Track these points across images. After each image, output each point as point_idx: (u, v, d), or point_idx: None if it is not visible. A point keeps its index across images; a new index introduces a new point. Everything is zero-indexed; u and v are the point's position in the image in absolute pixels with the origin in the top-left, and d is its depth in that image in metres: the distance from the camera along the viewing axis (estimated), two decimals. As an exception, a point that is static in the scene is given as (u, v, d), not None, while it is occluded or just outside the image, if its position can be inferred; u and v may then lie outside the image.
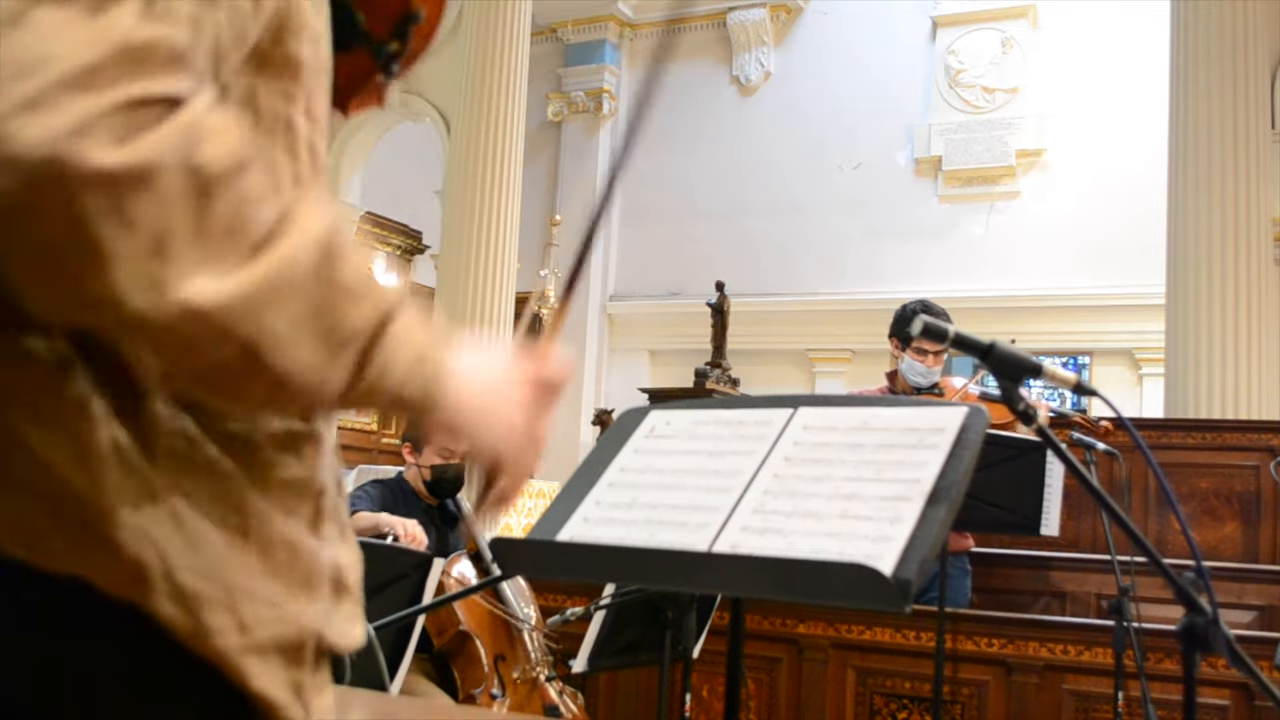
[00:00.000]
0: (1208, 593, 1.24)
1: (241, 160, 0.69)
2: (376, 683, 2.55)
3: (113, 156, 0.63)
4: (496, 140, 8.01)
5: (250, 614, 0.73)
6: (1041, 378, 1.31)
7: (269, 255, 0.69)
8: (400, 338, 0.76)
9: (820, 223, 10.44)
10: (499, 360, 0.88)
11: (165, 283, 0.65)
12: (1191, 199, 6.52)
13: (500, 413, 0.85)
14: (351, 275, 0.73)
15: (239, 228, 0.68)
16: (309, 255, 0.71)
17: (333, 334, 0.72)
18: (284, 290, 0.69)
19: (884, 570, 1.04)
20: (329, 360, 0.72)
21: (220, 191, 0.67)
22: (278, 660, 0.75)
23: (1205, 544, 5.08)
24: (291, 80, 0.79)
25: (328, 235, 0.72)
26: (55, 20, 0.64)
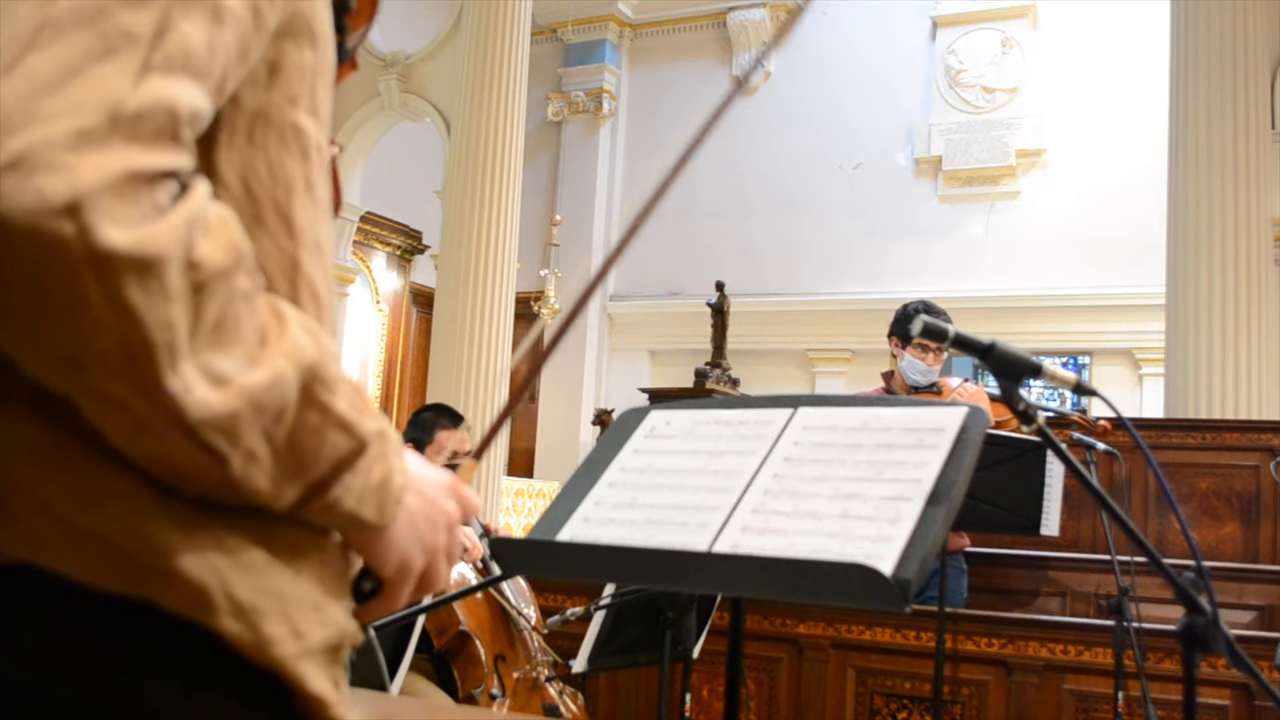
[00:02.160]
0: (1208, 593, 1.24)
1: (238, 258, 0.68)
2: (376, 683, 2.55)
3: (111, 237, 0.62)
4: (496, 140, 8.01)
5: (301, 620, 0.75)
6: (1041, 378, 1.31)
7: (260, 369, 0.69)
8: (363, 468, 0.76)
9: (820, 223, 10.44)
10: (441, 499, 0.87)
11: (154, 381, 0.64)
12: (1191, 199, 6.52)
13: (414, 556, 0.84)
14: (336, 406, 0.74)
15: (229, 326, 0.68)
16: (292, 382, 0.71)
17: (301, 459, 0.72)
18: (268, 409, 0.69)
19: (884, 570, 1.04)
20: (287, 482, 0.72)
21: (216, 288, 0.67)
22: (324, 661, 0.77)
23: (1205, 544, 5.08)
24: (297, 84, 0.79)
25: (315, 362, 0.72)
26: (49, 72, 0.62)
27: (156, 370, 0.64)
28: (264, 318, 0.71)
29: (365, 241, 10.78)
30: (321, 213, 0.83)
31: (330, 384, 0.73)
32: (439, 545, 0.86)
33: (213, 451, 0.68)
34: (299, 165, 0.80)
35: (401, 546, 0.83)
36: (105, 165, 0.62)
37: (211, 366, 0.67)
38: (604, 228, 11.40)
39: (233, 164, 0.76)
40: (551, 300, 10.37)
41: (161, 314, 0.64)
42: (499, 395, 7.96)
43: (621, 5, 11.44)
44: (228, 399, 0.67)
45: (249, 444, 0.69)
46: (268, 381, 0.69)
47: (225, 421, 0.67)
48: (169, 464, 0.69)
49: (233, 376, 0.67)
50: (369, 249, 10.94)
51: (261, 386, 0.69)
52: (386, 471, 0.78)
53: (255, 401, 0.68)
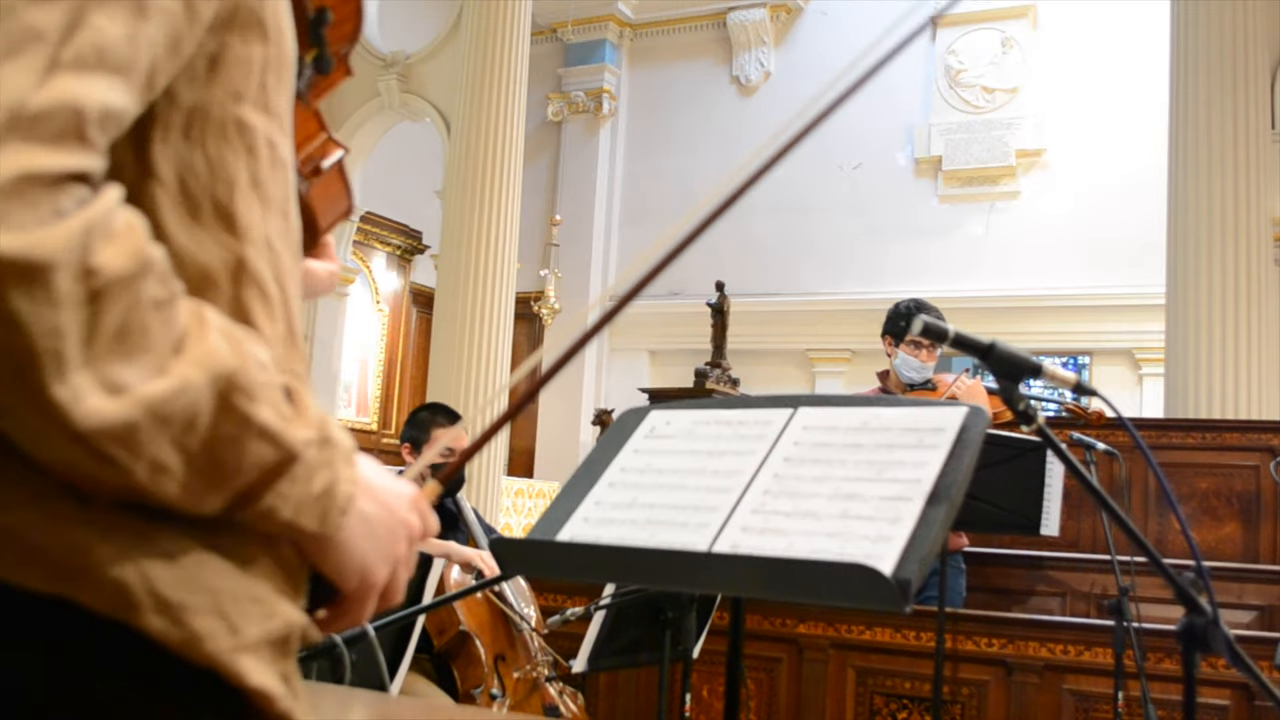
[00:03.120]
0: (1208, 593, 1.24)
1: (143, 265, 0.66)
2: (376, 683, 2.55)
3: (6, 243, 0.60)
4: (496, 140, 8.01)
5: (237, 614, 0.73)
6: (1041, 377, 1.31)
7: (165, 378, 0.67)
8: (300, 474, 0.74)
9: (820, 223, 10.44)
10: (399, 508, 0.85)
11: (39, 390, 0.63)
12: (1191, 199, 6.52)
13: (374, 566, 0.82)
14: (257, 413, 0.71)
15: (134, 334, 0.66)
16: (203, 392, 0.69)
17: (221, 469, 0.70)
18: (175, 418, 0.67)
19: (884, 570, 1.04)
20: (207, 491, 0.70)
21: (117, 295, 0.65)
22: (269, 654, 0.75)
23: (1205, 544, 5.08)
24: (242, 78, 0.77)
25: (239, 365, 0.70)
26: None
27: (41, 379, 0.62)
28: (182, 325, 0.69)
29: (365, 241, 10.78)
30: (274, 210, 0.81)
31: (251, 392, 0.71)
32: (400, 556, 0.85)
33: (112, 462, 0.66)
34: (243, 161, 0.78)
35: (362, 557, 0.81)
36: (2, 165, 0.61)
37: (110, 376, 0.65)
38: (604, 228, 11.40)
39: (168, 159, 0.75)
40: (551, 300, 10.37)
41: (48, 322, 0.62)
42: (499, 396, 7.97)
43: (621, 5, 11.44)
44: (122, 408, 0.65)
45: (154, 454, 0.67)
46: (171, 390, 0.67)
47: (120, 431, 0.65)
48: (74, 471, 0.67)
49: (132, 385, 0.65)
50: (369, 249, 10.94)
51: (163, 395, 0.66)
52: (331, 480, 0.76)
53: (156, 411, 0.66)
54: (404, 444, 3.66)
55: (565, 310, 10.61)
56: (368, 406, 11.03)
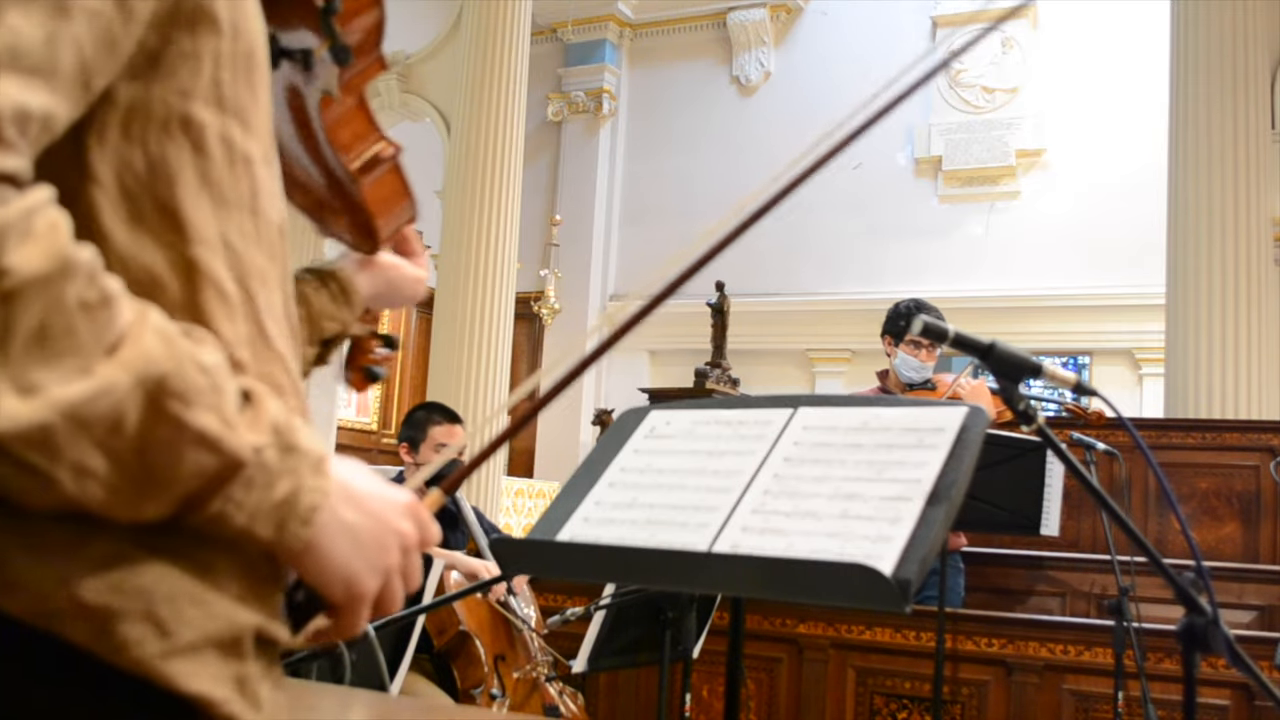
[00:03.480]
0: (1208, 593, 1.24)
1: (63, 266, 0.64)
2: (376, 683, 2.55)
3: None
4: (496, 140, 8.01)
5: (170, 616, 0.71)
6: (1041, 378, 1.31)
7: (84, 380, 0.64)
8: (257, 480, 0.71)
9: (820, 223, 10.44)
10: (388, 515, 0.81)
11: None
12: (1191, 199, 6.52)
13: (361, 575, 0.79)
14: (199, 418, 0.68)
15: (55, 337, 0.63)
16: (138, 386, 0.66)
17: (155, 475, 0.67)
18: (98, 421, 0.65)
19: (884, 570, 1.03)
20: (141, 498, 0.68)
21: (33, 296, 0.62)
22: (214, 657, 0.73)
23: (1205, 544, 5.08)
24: (189, 74, 0.75)
25: (174, 369, 0.68)
26: None
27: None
28: (120, 328, 0.66)
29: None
30: (235, 209, 0.79)
31: (186, 396, 0.68)
32: (391, 565, 0.81)
33: (30, 469, 0.64)
34: (189, 159, 0.76)
35: (345, 567, 0.78)
36: None
37: (23, 378, 0.62)
38: (604, 228, 11.40)
39: (106, 160, 0.73)
40: (551, 300, 10.37)
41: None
42: (499, 396, 7.96)
43: (621, 5, 11.44)
44: (35, 411, 0.62)
45: (76, 458, 0.64)
46: (90, 392, 0.64)
47: (34, 434, 0.63)
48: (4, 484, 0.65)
49: (46, 387, 0.63)
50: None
51: (81, 398, 0.64)
52: (293, 489, 0.73)
53: (73, 414, 0.64)
54: (401, 444, 3.67)
55: (565, 310, 10.61)
56: (367, 406, 11.03)
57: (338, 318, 1.16)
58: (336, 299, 1.15)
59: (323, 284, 1.15)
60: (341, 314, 1.16)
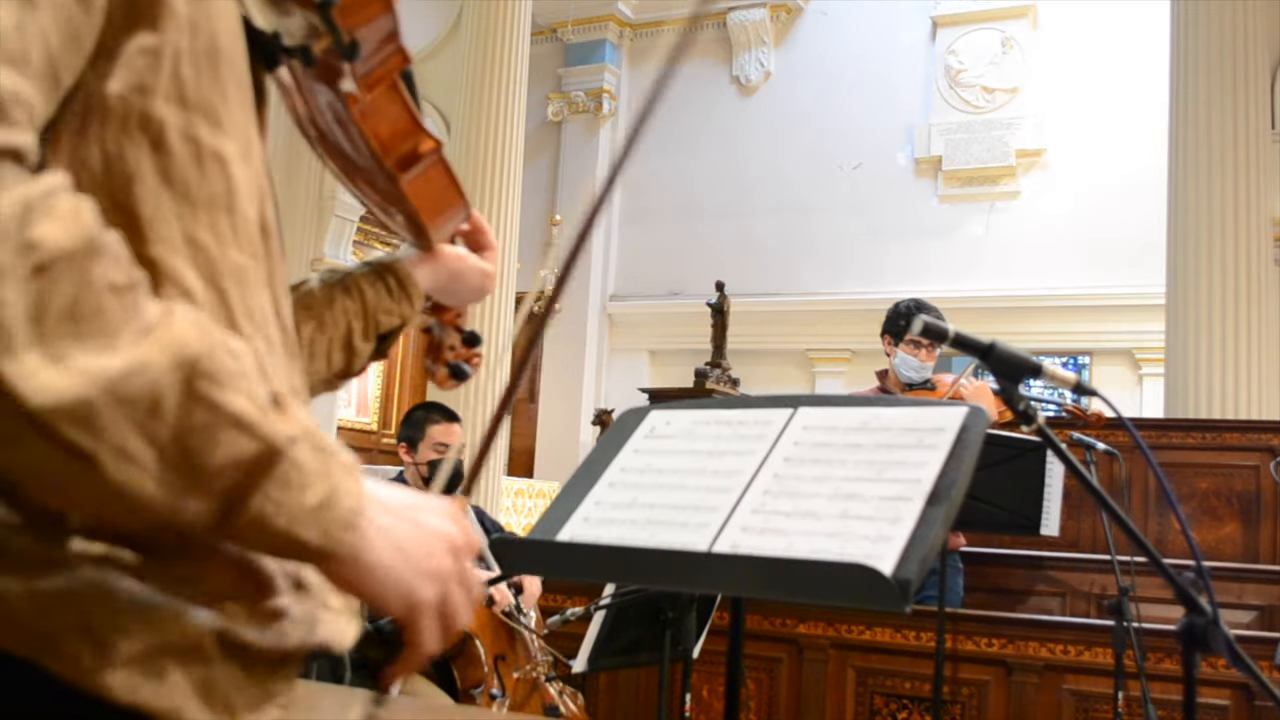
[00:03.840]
0: (1208, 593, 1.24)
1: (89, 245, 0.62)
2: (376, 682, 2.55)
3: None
4: (496, 140, 8.01)
5: (107, 627, 0.68)
6: (1041, 378, 1.31)
7: (120, 355, 0.62)
8: (306, 472, 0.69)
9: (820, 223, 10.44)
10: (428, 520, 0.78)
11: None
12: (1191, 199, 6.52)
13: (414, 582, 0.76)
14: (231, 400, 0.66)
15: (87, 316, 0.61)
16: (167, 373, 0.64)
17: (194, 462, 0.65)
18: (136, 399, 0.62)
19: (884, 570, 1.03)
20: (181, 492, 0.65)
21: (61, 273, 0.61)
22: (167, 665, 0.70)
23: (1205, 544, 5.08)
24: (147, 69, 0.73)
25: (199, 355, 0.65)
26: None
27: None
28: (149, 315, 0.65)
29: (365, 241, 10.77)
30: (205, 208, 0.77)
31: (219, 378, 0.66)
32: (445, 570, 0.77)
33: (72, 447, 0.61)
34: (147, 156, 0.74)
35: (397, 576, 0.74)
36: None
37: (61, 353, 0.60)
38: (604, 228, 11.40)
39: (61, 159, 0.71)
40: (551, 300, 10.36)
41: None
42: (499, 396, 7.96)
43: (621, 5, 11.44)
44: (75, 383, 0.60)
45: (117, 439, 0.62)
46: (126, 367, 0.62)
47: (76, 409, 0.60)
48: (37, 474, 0.63)
49: (83, 363, 0.61)
50: (369, 249, 10.93)
51: (119, 372, 0.62)
52: (329, 491, 0.70)
53: (112, 388, 0.61)
54: (400, 444, 3.67)
55: (565, 310, 10.61)
56: (368, 406, 11.03)
57: (395, 311, 1.15)
58: (394, 292, 1.15)
59: (379, 277, 1.14)
60: (400, 307, 1.15)
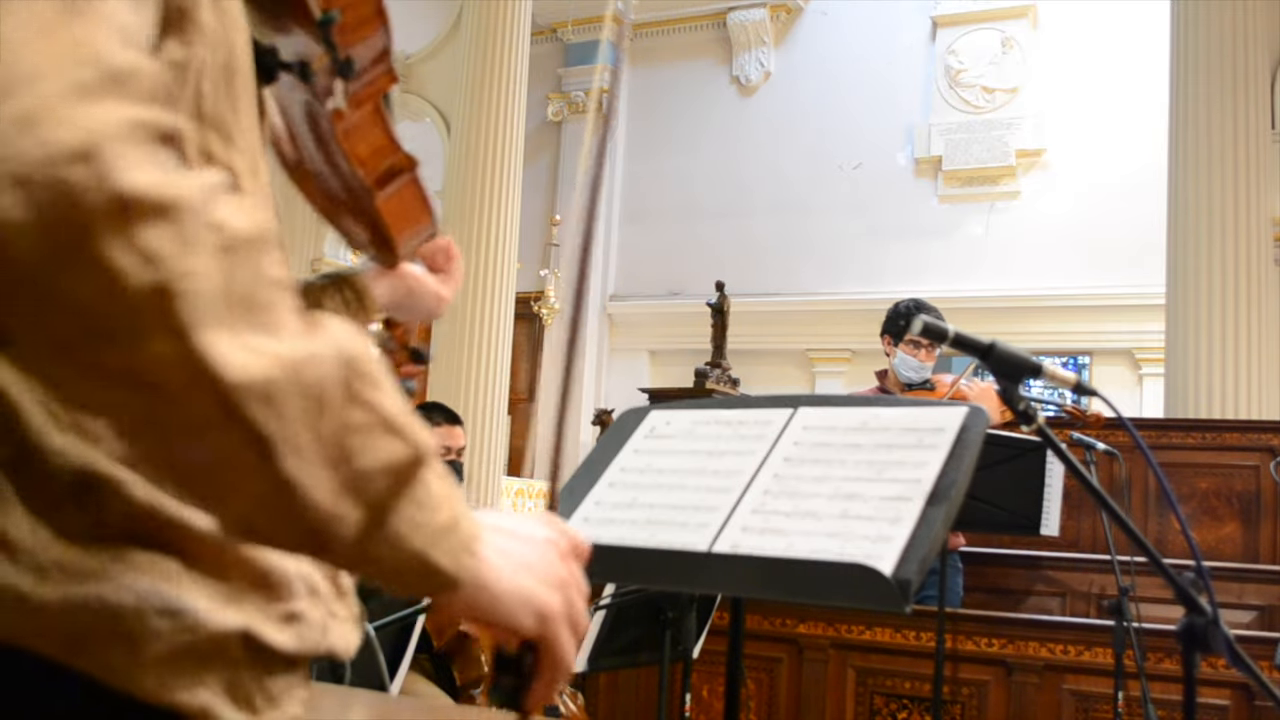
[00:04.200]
0: (1208, 593, 1.24)
1: (264, 235, 0.62)
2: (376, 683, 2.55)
3: (131, 179, 0.56)
4: (496, 140, 8.01)
5: (138, 629, 0.68)
6: (1041, 378, 1.31)
7: (295, 344, 0.62)
8: (433, 492, 0.68)
9: (820, 223, 10.44)
10: (533, 531, 0.78)
11: (184, 333, 0.57)
12: (1191, 199, 6.52)
13: (541, 594, 0.75)
14: (383, 405, 0.66)
15: (261, 305, 0.61)
16: (334, 368, 0.63)
17: (351, 465, 0.64)
18: (310, 390, 0.62)
19: (884, 570, 1.04)
20: (342, 494, 0.64)
21: (244, 257, 0.60)
22: (195, 667, 0.71)
23: (1205, 544, 5.07)
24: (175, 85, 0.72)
25: (357, 354, 0.65)
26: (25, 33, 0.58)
27: (182, 325, 0.57)
28: (302, 314, 0.64)
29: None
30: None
31: (375, 380, 0.65)
32: (564, 578, 0.77)
33: (255, 431, 0.60)
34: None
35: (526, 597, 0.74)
36: (113, 113, 0.58)
37: (243, 335, 0.60)
38: (604, 228, 11.40)
39: None
40: (551, 300, 10.37)
41: (187, 263, 0.58)
42: (499, 396, 7.96)
43: (622, 5, 11.43)
44: (264, 363, 0.60)
45: (293, 428, 0.61)
46: (304, 355, 0.62)
47: (265, 388, 0.59)
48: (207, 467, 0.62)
49: (267, 345, 0.60)
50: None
51: (300, 358, 0.61)
52: (455, 514, 0.69)
53: (294, 374, 0.61)
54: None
55: (565, 310, 10.60)
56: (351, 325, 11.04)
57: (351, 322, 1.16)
58: (351, 304, 1.14)
59: (338, 289, 1.14)
60: (356, 319, 1.15)
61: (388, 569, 0.68)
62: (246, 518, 0.64)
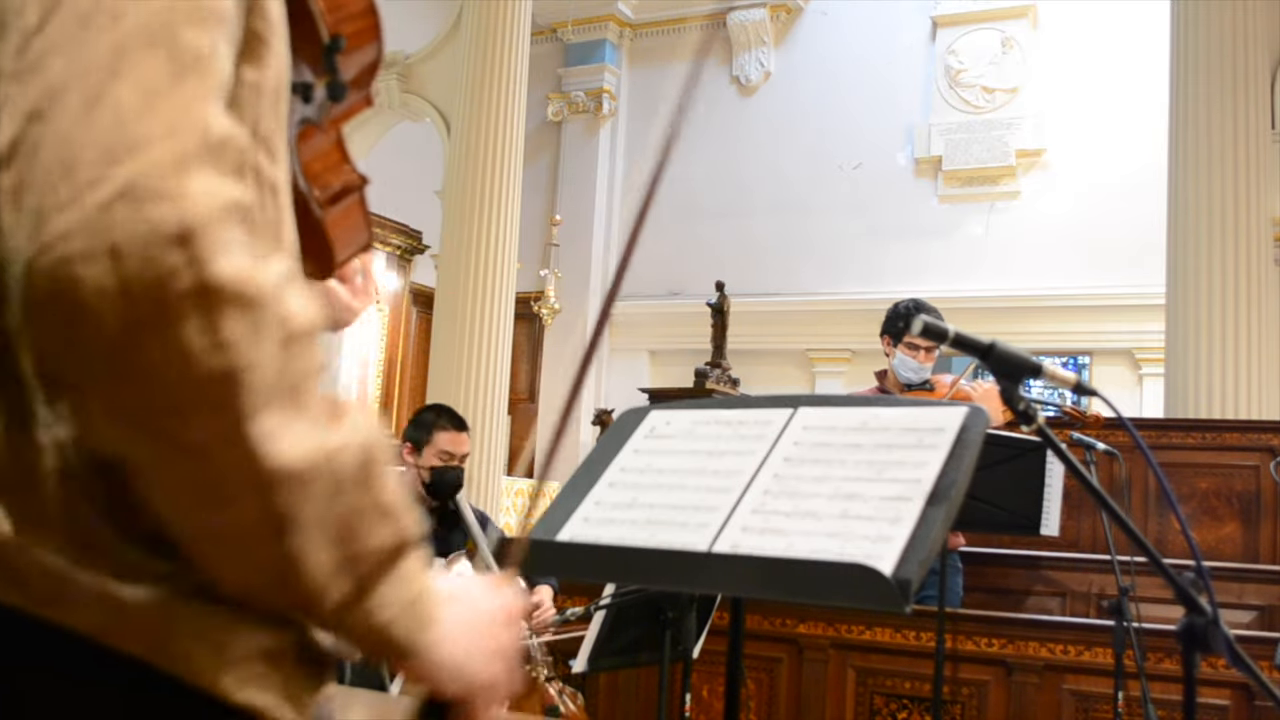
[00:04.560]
0: (1208, 593, 1.24)
1: (316, 328, 0.67)
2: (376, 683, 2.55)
3: (219, 268, 0.60)
4: (496, 140, 8.01)
5: (220, 630, 0.72)
6: (1041, 377, 1.31)
7: (329, 434, 0.67)
8: (405, 575, 0.73)
9: (820, 223, 10.44)
10: (484, 601, 0.83)
11: (238, 421, 0.62)
12: (1191, 199, 6.52)
13: (472, 667, 0.81)
14: (387, 492, 0.71)
15: (304, 393, 0.66)
16: (355, 456, 0.68)
17: (350, 546, 0.69)
18: (334, 476, 0.67)
19: (884, 570, 1.04)
20: (337, 571, 0.69)
21: (299, 349, 0.65)
22: (262, 667, 0.74)
23: (1205, 544, 5.07)
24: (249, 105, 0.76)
25: (374, 443, 0.70)
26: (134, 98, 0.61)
27: (242, 410, 0.62)
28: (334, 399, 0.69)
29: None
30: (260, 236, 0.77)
31: (383, 469, 0.71)
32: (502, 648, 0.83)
33: (279, 511, 0.65)
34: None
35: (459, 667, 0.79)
36: (210, 194, 0.61)
37: (289, 423, 0.65)
38: (604, 228, 11.40)
39: None
40: (551, 300, 10.37)
41: (254, 353, 0.62)
42: (499, 395, 7.96)
43: (621, 5, 11.44)
44: (303, 451, 0.65)
45: (311, 510, 0.66)
46: (337, 445, 0.67)
47: (300, 474, 0.65)
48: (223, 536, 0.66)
49: (308, 433, 0.65)
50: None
51: (333, 448, 0.66)
52: (418, 592, 0.75)
53: (328, 461, 0.66)
54: (406, 444, 3.66)
55: (565, 310, 10.61)
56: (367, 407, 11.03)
57: None
58: None
59: None
60: None
61: (356, 635, 0.73)
62: (245, 581, 0.69)
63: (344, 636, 0.74)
